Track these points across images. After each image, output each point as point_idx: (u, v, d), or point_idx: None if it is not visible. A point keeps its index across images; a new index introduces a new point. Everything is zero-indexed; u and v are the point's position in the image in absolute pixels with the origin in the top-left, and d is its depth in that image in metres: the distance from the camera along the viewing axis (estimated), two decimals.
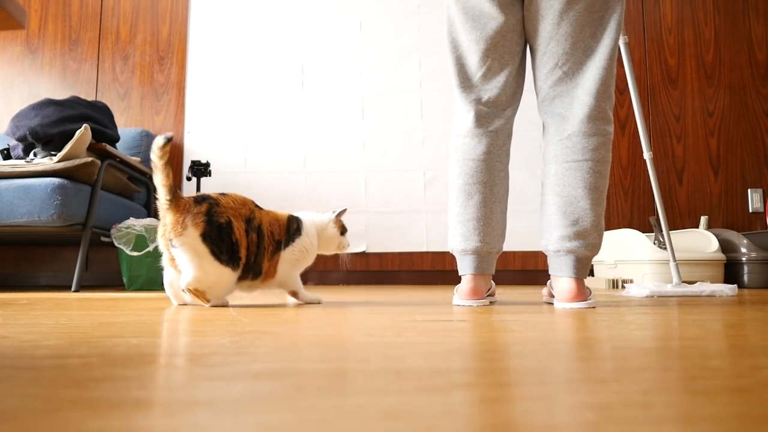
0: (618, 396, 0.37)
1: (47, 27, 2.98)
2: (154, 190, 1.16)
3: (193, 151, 2.88)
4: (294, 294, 1.29)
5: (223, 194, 1.19)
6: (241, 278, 1.18)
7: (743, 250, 2.33)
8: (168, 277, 1.23)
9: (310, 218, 1.31)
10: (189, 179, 2.38)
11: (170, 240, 1.12)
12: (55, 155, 2.06)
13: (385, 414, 0.32)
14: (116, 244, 2.07)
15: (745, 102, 2.93)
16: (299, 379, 0.42)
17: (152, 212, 2.69)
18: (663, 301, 1.40)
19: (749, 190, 2.88)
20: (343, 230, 1.35)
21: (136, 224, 2.10)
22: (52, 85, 2.94)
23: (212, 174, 2.54)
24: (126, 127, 2.82)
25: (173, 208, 1.11)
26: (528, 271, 2.83)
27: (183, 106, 2.92)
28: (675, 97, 2.93)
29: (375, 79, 2.93)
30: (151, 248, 2.09)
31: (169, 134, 1.12)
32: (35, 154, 2.13)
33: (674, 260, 1.83)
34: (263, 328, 0.77)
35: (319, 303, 1.31)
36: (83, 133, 2.02)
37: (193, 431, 0.29)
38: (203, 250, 1.10)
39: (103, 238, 2.19)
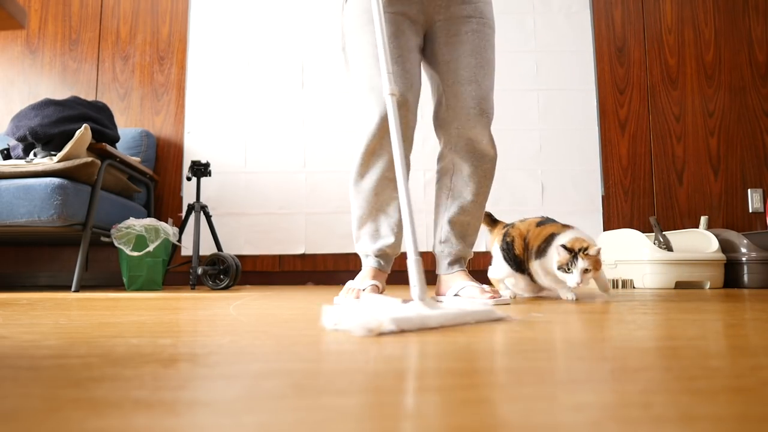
0: (618, 396, 0.37)
1: (47, 27, 2.98)
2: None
3: (193, 151, 2.88)
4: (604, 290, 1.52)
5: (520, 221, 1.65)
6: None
7: (743, 250, 2.33)
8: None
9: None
10: (189, 179, 2.38)
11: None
12: (55, 155, 2.06)
13: (385, 414, 0.32)
14: (116, 244, 2.07)
15: (745, 102, 2.93)
16: (299, 379, 0.42)
17: (152, 212, 2.69)
18: (663, 301, 1.40)
19: (749, 190, 2.88)
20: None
21: (136, 224, 2.10)
22: (52, 85, 2.94)
23: (212, 174, 2.54)
24: (126, 127, 2.82)
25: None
26: None
27: (183, 106, 2.92)
28: (675, 97, 2.93)
29: None
30: (151, 248, 2.09)
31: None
32: (35, 154, 2.13)
33: None
34: (263, 328, 0.77)
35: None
36: (83, 133, 2.02)
37: (193, 431, 0.29)
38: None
39: (103, 238, 2.19)
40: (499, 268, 1.56)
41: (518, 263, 1.50)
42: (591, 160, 2.89)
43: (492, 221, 1.73)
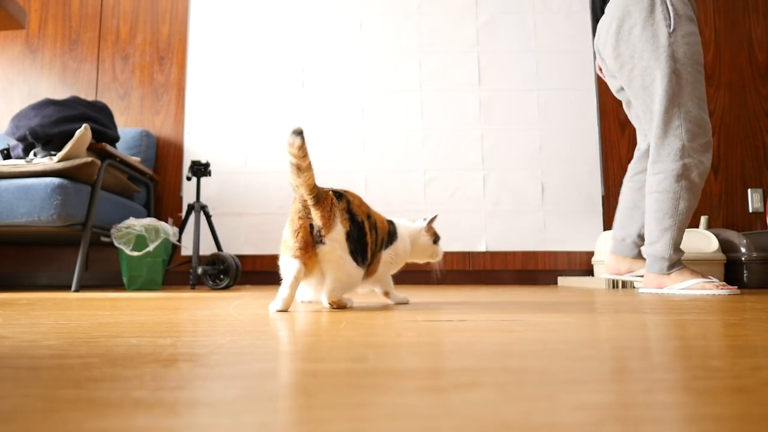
0: (618, 396, 0.37)
1: (47, 27, 2.98)
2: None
3: (193, 151, 2.88)
4: (386, 294, 1.27)
5: (345, 191, 1.12)
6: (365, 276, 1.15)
7: (743, 250, 2.33)
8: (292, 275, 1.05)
9: (402, 224, 1.27)
10: (189, 179, 2.38)
11: (321, 237, 1.03)
12: (55, 155, 2.06)
13: (385, 414, 0.32)
14: (116, 244, 2.08)
15: (745, 102, 2.93)
16: (299, 379, 0.42)
17: (152, 212, 2.69)
18: (663, 301, 1.40)
19: (749, 190, 2.88)
20: (435, 238, 1.30)
21: (136, 224, 2.10)
22: (52, 85, 2.94)
23: (212, 174, 2.54)
24: (126, 127, 2.82)
25: (318, 205, 1.04)
26: (528, 271, 2.83)
27: (183, 106, 2.92)
28: None
29: (375, 79, 2.93)
30: (151, 248, 2.09)
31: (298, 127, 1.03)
32: (35, 154, 2.13)
33: None
34: (263, 328, 0.77)
35: (407, 303, 1.28)
36: (83, 133, 2.02)
37: (193, 431, 0.29)
38: (347, 249, 1.05)
39: (103, 238, 2.20)
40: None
41: (365, 255, 1.10)
42: (591, 160, 2.89)
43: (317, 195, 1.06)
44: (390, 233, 1.23)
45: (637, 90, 1.80)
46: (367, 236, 1.09)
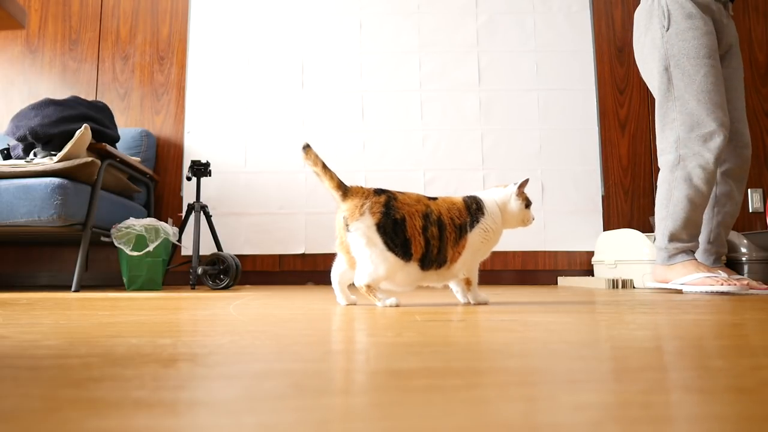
0: (618, 396, 0.37)
1: (47, 27, 2.98)
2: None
3: (193, 151, 2.88)
4: (468, 283, 1.23)
5: (400, 191, 1.19)
6: (424, 270, 1.16)
7: (743, 250, 2.33)
8: (337, 270, 1.21)
9: (489, 196, 1.25)
10: (189, 179, 2.38)
11: (346, 225, 1.12)
12: (55, 155, 2.06)
13: (386, 414, 0.32)
14: (116, 244, 2.07)
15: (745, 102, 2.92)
16: (299, 379, 0.42)
17: (152, 212, 2.69)
18: (663, 301, 1.40)
19: (749, 190, 2.88)
20: (527, 203, 1.27)
21: (136, 224, 2.10)
22: (52, 85, 2.94)
23: (212, 174, 2.54)
24: (126, 127, 2.82)
25: (349, 197, 1.15)
26: (528, 271, 2.83)
27: (183, 106, 2.92)
28: None
29: (375, 79, 2.93)
30: (151, 248, 2.09)
31: (305, 142, 1.17)
32: (35, 154, 2.13)
33: None
34: (263, 328, 0.77)
35: (486, 304, 1.26)
36: (83, 133, 2.02)
37: (193, 431, 0.29)
38: (377, 239, 1.11)
39: (103, 238, 2.19)
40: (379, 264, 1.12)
41: (407, 251, 1.13)
42: (591, 160, 2.89)
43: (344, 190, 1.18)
44: (473, 213, 1.21)
45: (654, 91, 1.88)
46: (409, 231, 1.13)
